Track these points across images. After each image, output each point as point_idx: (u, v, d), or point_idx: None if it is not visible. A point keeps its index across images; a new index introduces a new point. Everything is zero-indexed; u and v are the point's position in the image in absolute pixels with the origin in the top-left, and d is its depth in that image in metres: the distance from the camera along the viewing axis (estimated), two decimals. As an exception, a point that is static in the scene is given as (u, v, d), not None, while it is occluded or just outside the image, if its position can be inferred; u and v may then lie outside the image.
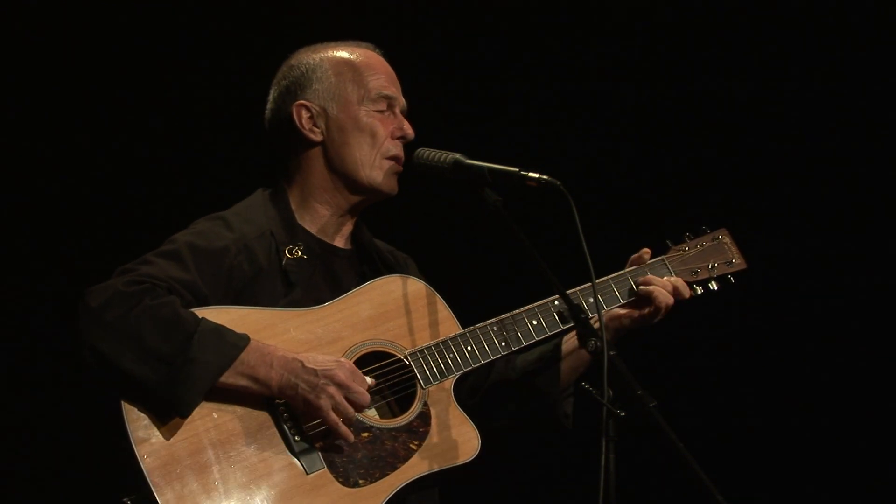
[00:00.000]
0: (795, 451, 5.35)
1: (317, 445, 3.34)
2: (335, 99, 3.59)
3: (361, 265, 3.67)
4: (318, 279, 3.53)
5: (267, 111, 3.66)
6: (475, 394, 3.70)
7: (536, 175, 3.31)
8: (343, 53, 3.64)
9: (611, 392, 3.09)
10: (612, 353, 3.16)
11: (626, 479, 3.09)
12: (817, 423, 5.34)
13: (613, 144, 5.42)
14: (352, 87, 3.60)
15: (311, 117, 3.59)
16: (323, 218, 3.61)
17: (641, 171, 5.41)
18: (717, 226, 3.89)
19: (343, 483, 3.34)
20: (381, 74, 3.62)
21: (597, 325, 3.26)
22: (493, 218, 3.34)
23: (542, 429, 3.79)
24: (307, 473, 3.31)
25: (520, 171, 3.34)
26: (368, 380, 3.38)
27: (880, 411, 5.33)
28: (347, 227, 3.66)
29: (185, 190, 4.81)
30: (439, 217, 5.07)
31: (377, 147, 3.58)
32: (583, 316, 3.28)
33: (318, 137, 3.59)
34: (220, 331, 3.28)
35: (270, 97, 3.66)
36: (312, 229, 3.60)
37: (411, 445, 3.42)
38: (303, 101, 3.59)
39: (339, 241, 3.65)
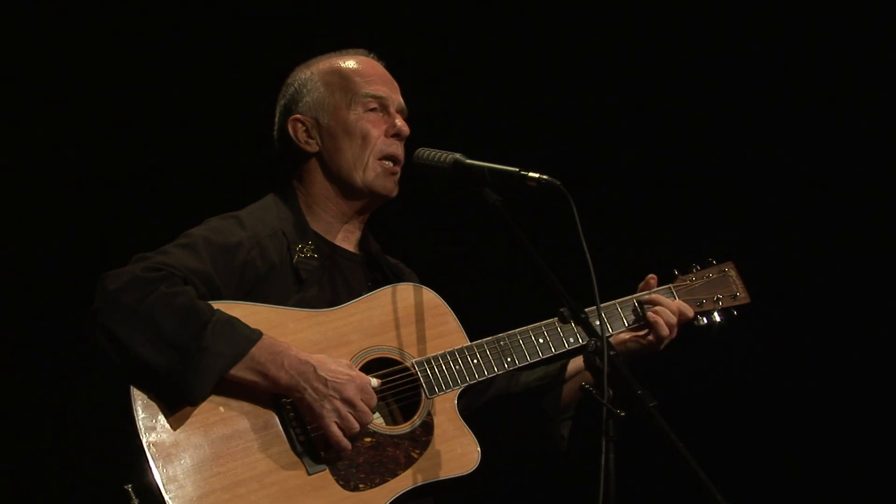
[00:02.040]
0: (795, 451, 5.33)
1: (320, 447, 3.35)
2: (325, 108, 3.66)
3: (373, 271, 3.72)
4: (327, 279, 3.58)
5: (273, 131, 3.76)
6: (472, 404, 3.70)
7: (536, 175, 3.30)
8: (332, 63, 3.73)
9: (611, 392, 3.08)
10: (612, 352, 3.15)
11: (627, 479, 3.07)
12: (817, 422, 5.32)
13: (619, 150, 5.50)
14: (340, 94, 3.67)
15: (306, 130, 3.67)
16: (330, 224, 3.68)
17: (650, 178, 5.48)
18: (724, 259, 3.94)
19: (343, 486, 3.34)
20: (369, 76, 3.69)
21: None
22: (493, 218, 3.35)
23: (535, 444, 3.79)
24: (308, 474, 3.33)
25: (520, 170, 3.33)
26: (374, 381, 3.40)
27: (880, 412, 5.31)
28: (355, 235, 3.72)
29: (199, 191, 4.89)
30: (446, 228, 5.10)
31: (369, 148, 3.63)
32: (583, 316, 3.27)
33: (314, 148, 3.67)
34: (233, 323, 3.31)
35: (275, 118, 3.76)
36: (321, 232, 3.66)
37: (413, 453, 3.44)
38: (296, 116, 3.68)
39: (348, 246, 3.70)
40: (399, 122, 3.68)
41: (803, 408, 5.35)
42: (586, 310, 3.52)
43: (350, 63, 3.72)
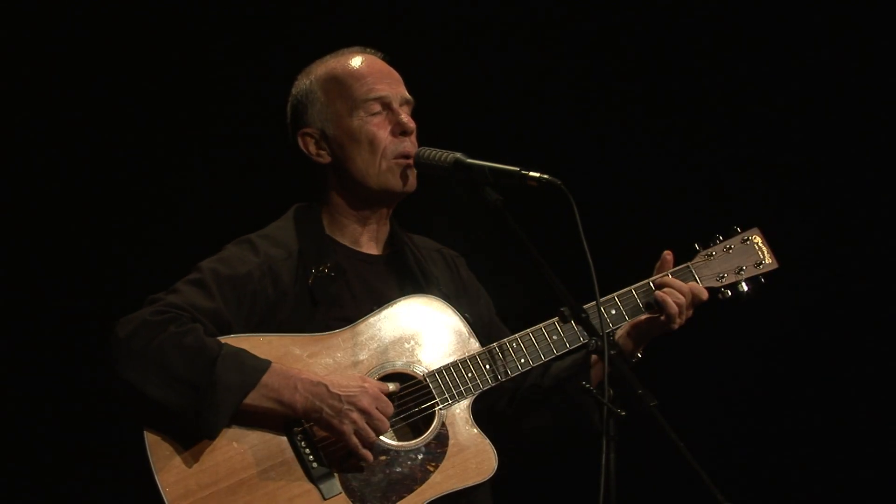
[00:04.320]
0: (796, 451, 5.23)
1: (334, 470, 3.36)
2: (328, 119, 3.62)
3: (400, 270, 3.68)
4: (347, 294, 3.56)
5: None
6: (512, 402, 3.69)
7: (537, 175, 3.26)
8: (329, 69, 3.67)
9: (611, 391, 3.04)
10: (612, 352, 3.12)
11: (627, 478, 3.01)
12: (819, 422, 5.22)
13: (619, 145, 5.39)
14: (340, 102, 3.62)
15: (315, 142, 3.64)
16: (354, 230, 3.65)
17: (651, 173, 5.36)
18: (749, 226, 3.79)
19: None
20: (366, 77, 3.62)
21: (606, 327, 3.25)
22: (493, 217, 3.32)
23: (576, 444, 3.71)
24: (324, 498, 3.33)
25: (521, 170, 3.29)
26: (391, 386, 3.40)
27: (882, 412, 5.20)
28: (382, 233, 3.69)
29: (226, 207, 4.92)
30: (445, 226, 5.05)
31: (378, 152, 3.58)
32: (583, 315, 3.22)
33: (325, 160, 3.64)
34: (240, 355, 3.34)
35: (288, 131, 3.73)
36: (345, 241, 3.64)
37: (428, 467, 3.41)
38: (304, 129, 3.65)
39: (375, 248, 3.68)
40: (404, 118, 3.61)
41: (803, 407, 5.25)
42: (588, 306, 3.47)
43: (346, 66, 3.66)
